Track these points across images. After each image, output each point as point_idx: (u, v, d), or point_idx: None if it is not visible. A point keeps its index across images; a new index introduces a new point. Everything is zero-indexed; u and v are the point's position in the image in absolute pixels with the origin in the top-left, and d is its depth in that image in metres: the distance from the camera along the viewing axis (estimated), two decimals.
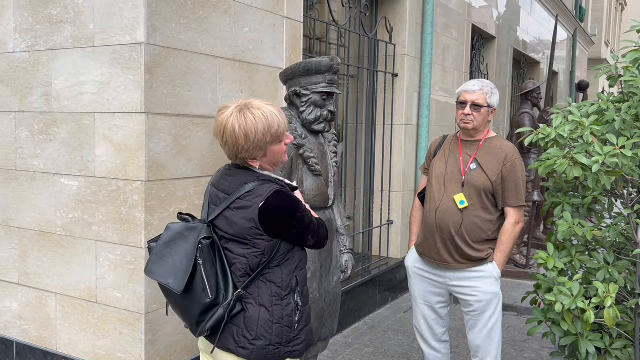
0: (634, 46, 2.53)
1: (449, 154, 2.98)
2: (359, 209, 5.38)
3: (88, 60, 2.88)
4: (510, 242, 2.86)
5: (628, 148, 2.34)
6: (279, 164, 2.04)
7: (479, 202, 2.85)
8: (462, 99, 2.90)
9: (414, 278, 3.10)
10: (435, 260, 2.95)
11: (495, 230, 2.89)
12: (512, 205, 2.84)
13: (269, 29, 3.47)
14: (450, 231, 2.86)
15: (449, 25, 6.18)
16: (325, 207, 2.89)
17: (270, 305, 1.93)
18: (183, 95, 2.90)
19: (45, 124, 3.09)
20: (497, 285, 2.90)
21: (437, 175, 2.96)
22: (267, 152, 1.95)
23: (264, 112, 1.91)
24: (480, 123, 2.88)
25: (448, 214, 2.86)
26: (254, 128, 1.88)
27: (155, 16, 2.72)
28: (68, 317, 3.13)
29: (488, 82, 2.94)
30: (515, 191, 2.83)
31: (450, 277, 2.94)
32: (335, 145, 3.02)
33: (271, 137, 1.92)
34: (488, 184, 2.83)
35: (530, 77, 10.50)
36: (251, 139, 1.89)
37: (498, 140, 2.94)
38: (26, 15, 3.09)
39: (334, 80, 2.85)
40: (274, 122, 1.92)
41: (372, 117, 5.36)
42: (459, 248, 2.86)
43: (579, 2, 14.40)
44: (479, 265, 2.87)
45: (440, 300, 3.04)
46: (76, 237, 3.04)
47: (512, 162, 2.83)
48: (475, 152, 2.90)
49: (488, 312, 2.89)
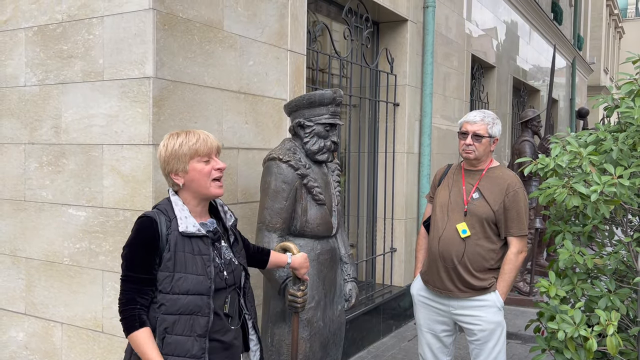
0: (628, 78, 2.60)
1: (453, 183, 3.01)
2: (362, 237, 5.41)
3: (97, 93, 2.96)
4: (513, 272, 2.87)
5: (626, 177, 2.39)
6: (203, 192, 1.99)
7: (481, 231, 2.87)
8: (463, 130, 2.95)
9: (419, 306, 3.12)
10: (438, 288, 2.97)
11: (498, 259, 2.91)
12: (514, 235, 2.86)
13: (273, 61, 3.55)
14: (453, 260, 2.89)
15: (449, 55, 6.30)
16: (329, 236, 2.93)
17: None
18: (189, 126, 2.97)
19: (54, 155, 3.15)
20: (500, 315, 2.91)
21: (440, 204, 3.00)
22: (187, 168, 1.96)
23: (191, 130, 2.01)
24: (482, 153, 2.92)
25: (451, 242, 2.89)
26: (173, 140, 1.98)
27: (163, 51, 2.80)
28: (74, 346, 3.14)
29: (490, 112, 2.99)
30: (517, 221, 2.85)
31: (453, 306, 2.95)
32: (339, 174, 3.08)
33: (189, 149, 1.95)
34: (490, 213, 2.86)
35: (530, 104, 10.61)
36: (169, 148, 1.96)
37: (500, 169, 2.97)
38: (37, 51, 3.18)
39: (337, 111, 2.92)
40: (194, 136, 1.98)
41: (374, 145, 5.43)
42: (462, 277, 2.88)
43: (577, 30, 14.61)
44: (482, 295, 2.89)
45: (444, 328, 3.05)
46: (83, 267, 3.08)
47: (515, 192, 2.86)
48: (477, 182, 2.94)
49: (492, 341, 2.90)
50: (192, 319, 1.89)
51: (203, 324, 1.90)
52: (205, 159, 1.98)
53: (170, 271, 1.89)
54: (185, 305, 1.88)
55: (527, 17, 9.53)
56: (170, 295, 1.88)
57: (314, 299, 2.80)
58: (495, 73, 7.99)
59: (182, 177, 1.98)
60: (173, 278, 1.88)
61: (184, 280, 1.88)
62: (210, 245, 1.99)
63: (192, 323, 1.89)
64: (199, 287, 1.90)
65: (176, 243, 1.91)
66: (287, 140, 2.95)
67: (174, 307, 1.88)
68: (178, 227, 1.92)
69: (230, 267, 2.03)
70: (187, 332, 1.89)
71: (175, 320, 1.88)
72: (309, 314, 2.79)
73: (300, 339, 2.76)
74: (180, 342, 1.88)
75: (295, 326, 2.55)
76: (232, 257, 2.06)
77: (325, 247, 2.89)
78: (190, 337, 1.89)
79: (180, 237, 1.92)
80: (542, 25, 10.51)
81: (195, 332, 1.89)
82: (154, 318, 1.89)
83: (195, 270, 1.91)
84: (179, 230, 1.92)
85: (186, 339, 1.88)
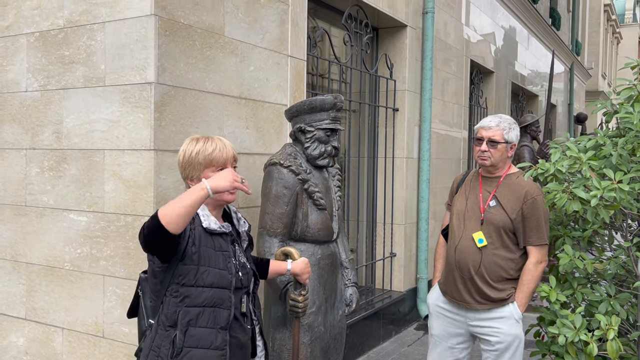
0: (627, 83, 2.62)
1: (470, 190, 2.92)
2: (362, 242, 5.41)
3: (99, 99, 2.97)
4: (532, 282, 2.76)
5: (625, 182, 2.40)
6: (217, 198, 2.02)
7: (498, 240, 2.77)
8: (479, 136, 2.85)
9: (435, 316, 3.02)
10: (455, 299, 2.88)
11: (517, 269, 2.79)
12: (534, 244, 2.75)
13: (274, 67, 3.57)
14: (470, 270, 2.79)
15: (448, 60, 6.32)
16: (329, 241, 2.94)
17: (155, 332, 1.98)
18: (191, 132, 2.98)
19: (56, 160, 3.16)
20: (518, 327, 2.81)
21: (457, 212, 2.91)
22: (201, 177, 2.01)
23: (210, 137, 2.07)
24: (498, 159, 2.82)
25: (467, 252, 2.80)
26: (192, 147, 2.05)
27: (164, 57, 2.81)
28: (74, 352, 3.14)
29: (506, 117, 2.88)
30: (537, 229, 2.74)
31: (470, 318, 2.87)
32: (339, 179, 3.09)
33: (204, 159, 2.02)
34: (507, 222, 2.75)
35: (529, 110, 10.65)
36: (187, 154, 2.04)
37: (519, 176, 2.84)
38: (39, 56, 3.20)
39: (337, 117, 2.93)
40: (210, 146, 2.04)
41: (374, 150, 5.44)
42: (479, 288, 2.79)
43: (575, 36, 14.67)
44: (500, 307, 2.79)
45: (460, 340, 2.96)
46: (84, 272, 3.08)
47: (533, 199, 2.74)
48: (495, 189, 2.83)
49: (508, 352, 2.81)
50: (215, 312, 1.96)
51: (225, 316, 1.98)
52: (220, 168, 2.03)
53: (195, 264, 1.95)
54: (210, 297, 1.95)
55: (526, 23, 9.57)
56: (195, 288, 1.94)
57: (314, 304, 2.81)
58: (494, 78, 8.02)
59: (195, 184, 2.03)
60: (198, 271, 1.94)
61: (208, 273, 1.95)
62: (229, 244, 2.07)
63: (215, 315, 1.96)
64: (222, 281, 1.97)
65: (200, 238, 1.97)
66: (287, 146, 2.96)
67: (199, 300, 1.94)
68: (201, 223, 1.99)
69: (244, 270, 2.10)
70: (210, 324, 1.95)
71: (200, 312, 1.94)
72: (310, 318, 2.79)
73: (301, 344, 2.76)
74: (204, 334, 1.94)
75: (297, 331, 2.55)
76: (245, 260, 2.13)
77: (326, 251, 2.90)
78: (213, 330, 1.95)
79: (204, 233, 1.99)
80: (540, 31, 10.55)
81: (218, 324, 1.96)
82: (174, 312, 1.94)
83: (217, 264, 1.98)
84: (202, 225, 1.99)
85: (210, 331, 1.95)
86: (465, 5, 6.78)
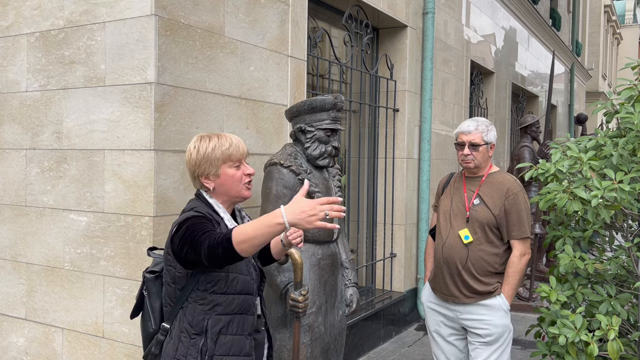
0: (628, 84, 2.62)
1: (455, 191, 3.06)
2: (362, 242, 5.41)
3: (99, 99, 2.97)
4: (517, 275, 2.89)
5: (626, 182, 2.40)
6: (234, 195, 2.00)
7: (483, 236, 2.90)
8: (459, 141, 2.99)
9: (428, 312, 3.15)
10: (445, 294, 3.00)
11: (502, 263, 2.93)
12: (516, 238, 2.88)
13: (274, 67, 3.57)
14: (457, 266, 2.92)
15: (448, 61, 6.32)
16: (329, 241, 2.94)
17: (178, 340, 1.93)
18: (191, 132, 2.98)
19: (56, 160, 3.16)
20: (507, 318, 2.92)
21: (444, 212, 3.05)
22: (219, 172, 1.97)
23: (221, 134, 2.02)
24: (481, 160, 2.96)
25: (454, 249, 2.93)
26: (205, 143, 1.98)
27: (165, 57, 2.81)
28: (74, 352, 3.14)
29: (483, 119, 3.02)
30: (518, 223, 2.87)
31: (460, 311, 2.98)
32: (339, 179, 3.09)
33: (222, 154, 1.96)
34: (491, 218, 2.89)
35: (529, 110, 10.65)
36: (201, 151, 1.97)
37: (500, 174, 3.00)
38: (39, 56, 3.19)
39: (338, 117, 2.93)
40: (227, 141, 1.99)
41: (374, 151, 5.44)
42: (466, 282, 2.90)
43: (575, 37, 14.67)
44: (488, 299, 2.90)
45: (452, 332, 3.07)
46: (84, 272, 3.08)
47: (514, 195, 2.88)
48: (478, 188, 2.97)
49: (497, 343, 2.91)
50: (243, 318, 1.96)
51: (251, 322, 1.98)
52: (237, 164, 2.00)
53: (225, 271, 1.92)
54: (240, 305, 1.94)
55: (526, 23, 9.57)
56: (226, 296, 1.92)
57: (315, 304, 2.81)
58: (494, 79, 8.02)
59: (213, 181, 1.99)
60: (228, 278, 1.92)
61: (237, 280, 1.94)
62: None
63: (242, 322, 1.95)
64: (248, 287, 1.97)
65: None
66: (288, 146, 2.96)
67: (230, 307, 1.93)
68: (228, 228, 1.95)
69: (256, 272, 2.09)
70: (239, 331, 1.95)
71: (230, 320, 1.93)
72: (310, 319, 2.79)
73: (301, 344, 2.76)
74: (235, 341, 1.93)
75: (297, 331, 2.55)
76: (254, 260, 2.11)
77: (326, 252, 2.90)
78: (242, 336, 1.95)
79: None
80: (541, 32, 10.55)
81: (246, 330, 1.96)
82: (202, 319, 1.91)
83: (242, 270, 1.96)
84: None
85: (239, 338, 1.95)
86: (465, 5, 6.78)
